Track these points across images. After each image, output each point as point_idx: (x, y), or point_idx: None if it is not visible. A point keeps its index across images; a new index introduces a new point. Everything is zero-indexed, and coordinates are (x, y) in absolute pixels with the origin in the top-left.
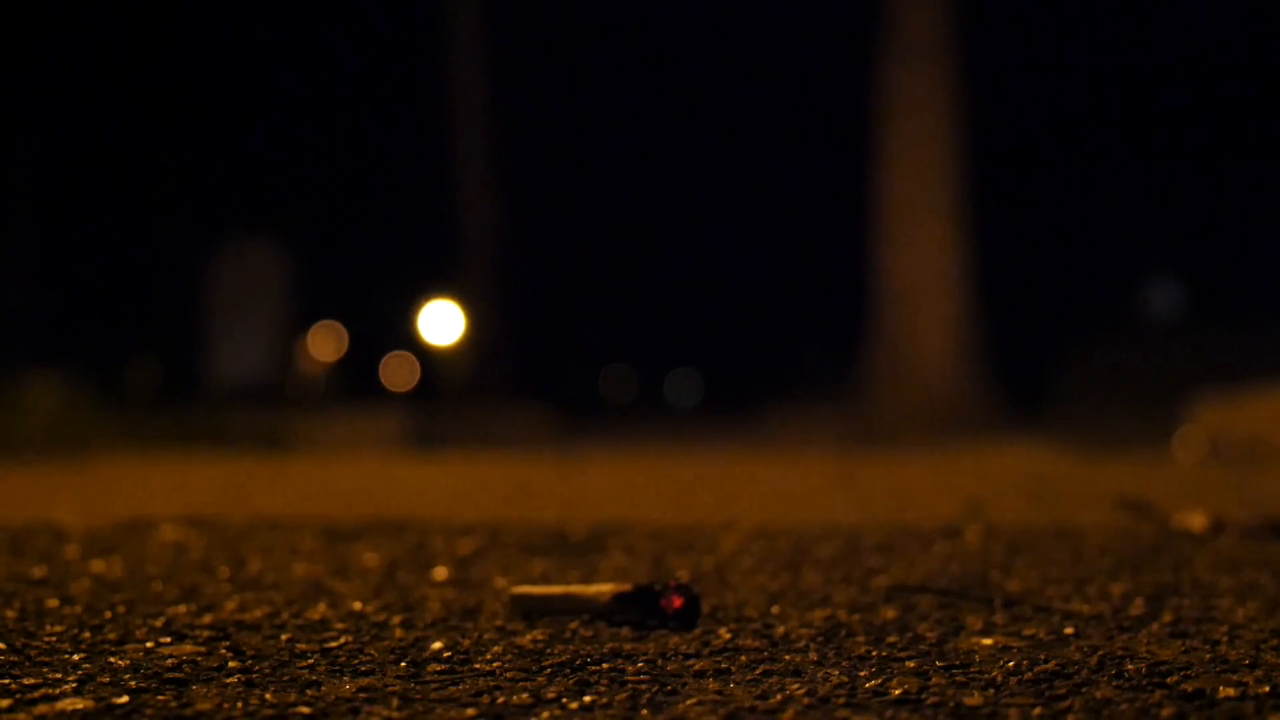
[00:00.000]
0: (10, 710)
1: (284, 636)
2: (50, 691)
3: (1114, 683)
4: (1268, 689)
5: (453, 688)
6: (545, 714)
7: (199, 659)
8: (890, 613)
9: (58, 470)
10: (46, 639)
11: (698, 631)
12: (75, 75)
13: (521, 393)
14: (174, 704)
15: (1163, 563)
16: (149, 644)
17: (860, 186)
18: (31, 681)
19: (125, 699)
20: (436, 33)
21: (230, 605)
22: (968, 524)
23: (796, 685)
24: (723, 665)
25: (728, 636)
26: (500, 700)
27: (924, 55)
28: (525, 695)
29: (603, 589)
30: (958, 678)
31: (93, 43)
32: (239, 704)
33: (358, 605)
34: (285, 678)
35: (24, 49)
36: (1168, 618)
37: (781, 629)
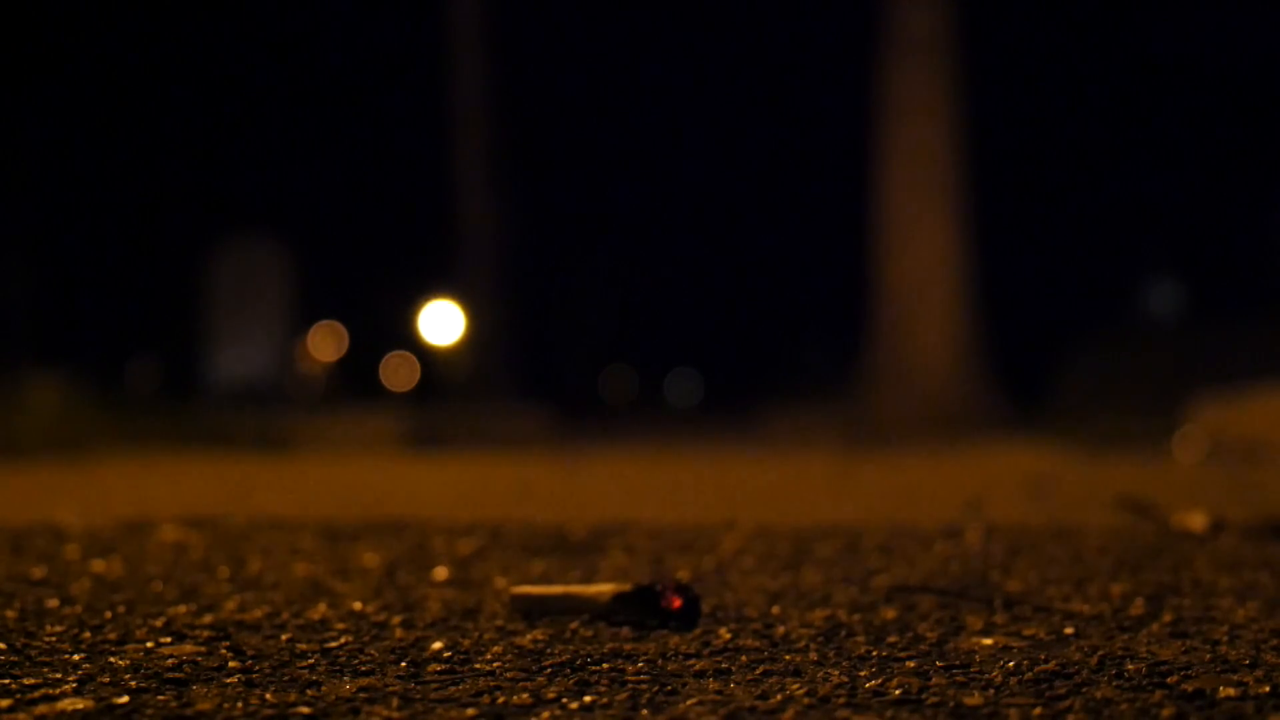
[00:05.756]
0: (10, 710)
1: (284, 636)
2: (50, 691)
3: (1114, 683)
4: (1268, 689)
5: (453, 688)
6: (545, 714)
7: (199, 659)
8: (890, 613)
9: (58, 470)
10: (47, 639)
11: (698, 631)
12: (76, 73)
13: (521, 393)
14: (174, 704)
15: (1163, 563)
16: (149, 644)
17: (860, 186)
18: (32, 681)
19: (125, 699)
20: (437, 31)
21: (230, 605)
22: (968, 524)
23: (797, 685)
24: (723, 665)
25: (728, 636)
26: (500, 700)
27: (925, 53)
28: (525, 695)
29: (603, 589)
30: (958, 678)
31: (93, 41)
32: (239, 704)
33: (358, 605)
34: (285, 678)
35: (24, 47)
36: (1168, 618)
37: (782, 629)
